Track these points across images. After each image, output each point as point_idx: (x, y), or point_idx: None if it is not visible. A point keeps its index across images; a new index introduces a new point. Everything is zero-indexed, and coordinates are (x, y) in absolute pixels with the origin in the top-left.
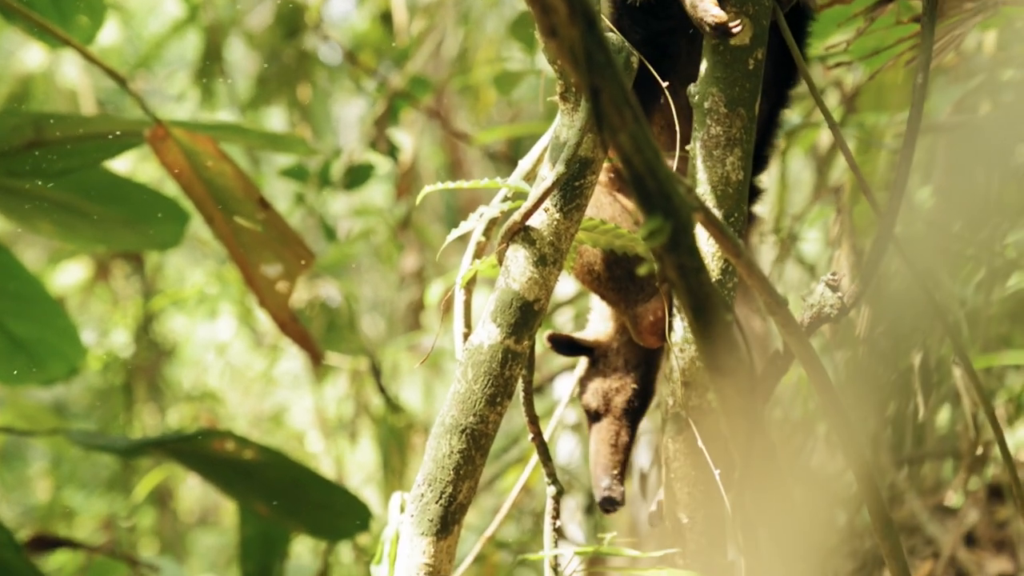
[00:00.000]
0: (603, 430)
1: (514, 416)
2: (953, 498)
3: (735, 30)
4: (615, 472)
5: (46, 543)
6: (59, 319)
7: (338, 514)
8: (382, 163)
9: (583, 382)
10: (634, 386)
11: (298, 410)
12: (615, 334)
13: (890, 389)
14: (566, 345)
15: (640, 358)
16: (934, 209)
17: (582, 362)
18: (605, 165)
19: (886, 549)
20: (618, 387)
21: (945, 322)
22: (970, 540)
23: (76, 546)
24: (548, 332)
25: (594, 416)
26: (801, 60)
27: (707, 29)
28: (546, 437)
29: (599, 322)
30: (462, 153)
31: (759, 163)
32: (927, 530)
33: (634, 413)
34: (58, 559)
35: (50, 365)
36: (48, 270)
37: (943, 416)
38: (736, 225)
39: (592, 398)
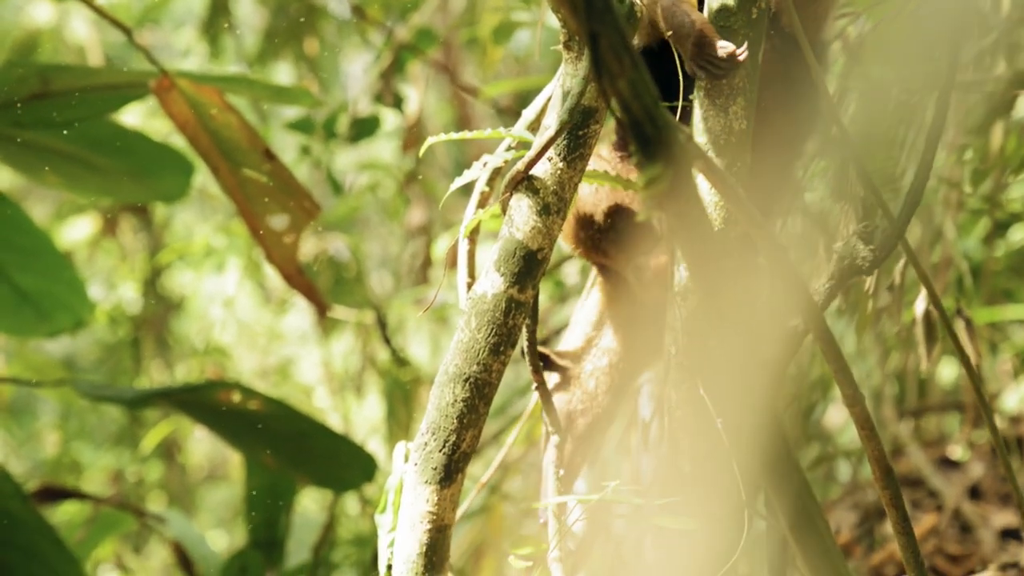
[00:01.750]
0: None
1: (521, 372)
2: (957, 451)
3: (741, 56)
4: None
5: (53, 494)
6: (66, 272)
7: (344, 465)
8: (389, 118)
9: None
10: (598, 411)
11: (305, 365)
12: (591, 357)
13: (893, 342)
14: (542, 360)
15: (610, 386)
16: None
17: (553, 377)
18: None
19: (886, 498)
20: (583, 409)
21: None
22: (975, 493)
23: (83, 497)
24: (525, 343)
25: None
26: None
27: (717, 66)
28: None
29: (577, 342)
30: (470, 109)
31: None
32: (931, 483)
33: (593, 437)
34: (66, 511)
35: (56, 317)
36: (55, 225)
37: (949, 370)
38: (739, 175)
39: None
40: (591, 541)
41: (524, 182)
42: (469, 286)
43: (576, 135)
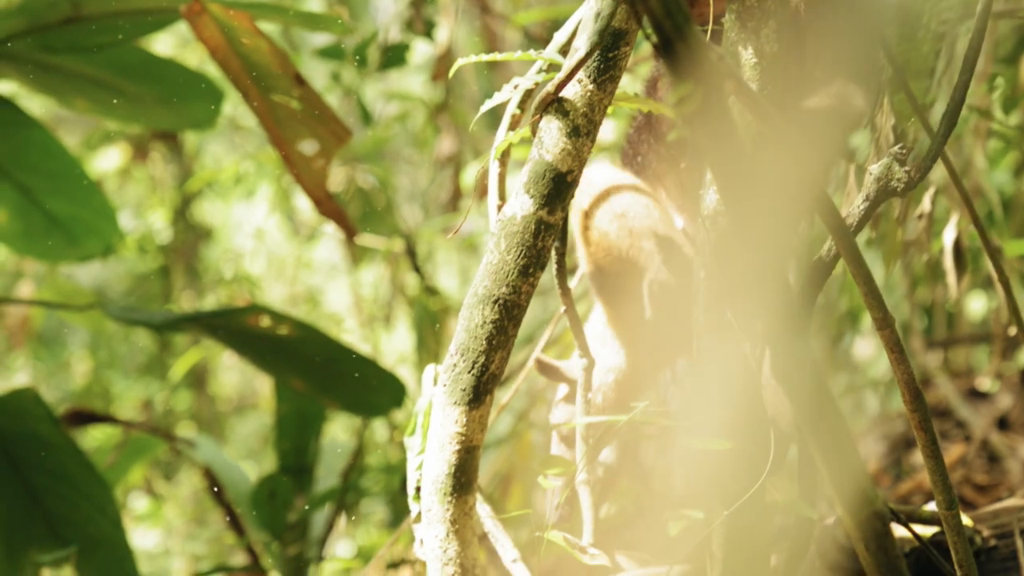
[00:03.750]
0: (566, 455)
1: (548, 303)
2: (986, 383)
3: None
4: (568, 495)
5: (83, 418)
6: (96, 197)
7: (373, 390)
8: (419, 50)
9: (558, 403)
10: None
11: (334, 296)
12: (597, 374)
13: (922, 274)
14: (553, 371)
15: (615, 402)
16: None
17: (561, 387)
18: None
19: (915, 421)
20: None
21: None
22: (1003, 424)
23: (113, 421)
24: (535, 356)
25: (562, 438)
26: None
27: None
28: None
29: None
30: (500, 42)
31: None
32: (959, 414)
33: (598, 452)
34: (96, 436)
35: (86, 242)
36: (85, 154)
37: (978, 303)
38: (770, 97)
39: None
40: (619, 468)
41: (554, 104)
42: (499, 209)
43: (606, 57)
